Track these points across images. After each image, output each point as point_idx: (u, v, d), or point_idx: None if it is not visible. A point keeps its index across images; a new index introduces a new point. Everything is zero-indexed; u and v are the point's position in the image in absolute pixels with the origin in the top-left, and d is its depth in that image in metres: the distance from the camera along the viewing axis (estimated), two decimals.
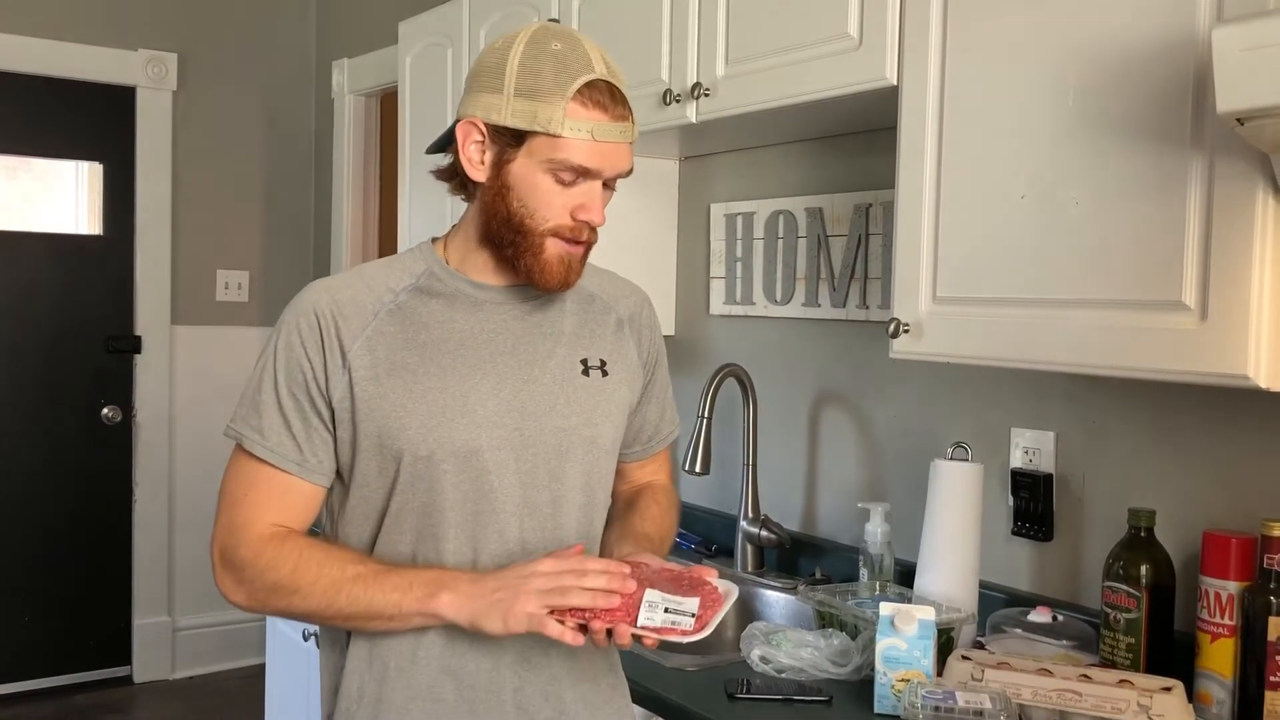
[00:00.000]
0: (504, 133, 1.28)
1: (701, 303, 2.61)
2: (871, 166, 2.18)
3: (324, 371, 1.30)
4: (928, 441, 2.07)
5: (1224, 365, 1.31)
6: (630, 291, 1.52)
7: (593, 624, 1.20)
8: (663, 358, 1.54)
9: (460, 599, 1.24)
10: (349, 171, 4.15)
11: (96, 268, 4.10)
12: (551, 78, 1.26)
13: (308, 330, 1.31)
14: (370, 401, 1.30)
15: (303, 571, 1.27)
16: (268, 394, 1.32)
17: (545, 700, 1.35)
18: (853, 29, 1.75)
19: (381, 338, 1.31)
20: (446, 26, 2.90)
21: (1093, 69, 1.43)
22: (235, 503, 1.33)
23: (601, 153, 1.28)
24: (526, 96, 1.26)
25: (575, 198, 1.29)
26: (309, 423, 1.31)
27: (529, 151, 1.28)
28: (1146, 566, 1.59)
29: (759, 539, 2.31)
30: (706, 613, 1.22)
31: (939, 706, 1.41)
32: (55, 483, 4.04)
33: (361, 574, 1.27)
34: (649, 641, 1.21)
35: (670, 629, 1.20)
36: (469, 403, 1.31)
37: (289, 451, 1.31)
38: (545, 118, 1.26)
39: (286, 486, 1.32)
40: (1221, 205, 1.31)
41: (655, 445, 1.57)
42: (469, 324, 1.35)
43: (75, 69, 3.98)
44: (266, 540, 1.30)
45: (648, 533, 1.44)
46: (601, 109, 1.27)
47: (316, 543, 1.32)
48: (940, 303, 1.64)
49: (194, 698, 4.09)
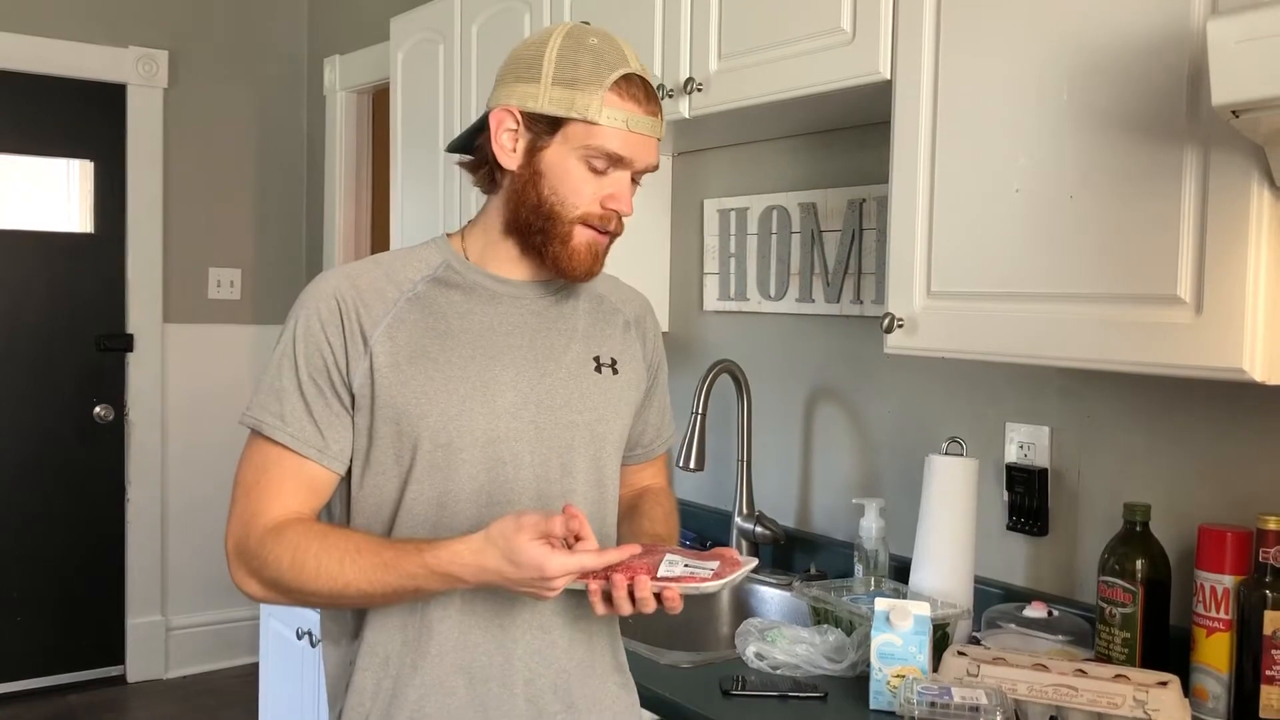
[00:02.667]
0: (540, 120, 1.30)
1: (695, 299, 2.60)
2: (865, 161, 2.18)
3: (345, 356, 1.30)
4: (922, 436, 2.07)
5: (1219, 359, 1.30)
6: (635, 296, 1.54)
7: (613, 577, 1.20)
8: (663, 363, 1.56)
9: (473, 584, 1.24)
10: (341, 168, 4.14)
11: (88, 266, 4.08)
12: (590, 69, 1.29)
13: (328, 315, 1.30)
14: (391, 388, 1.30)
15: (308, 569, 1.25)
16: (288, 380, 1.31)
17: (555, 695, 1.36)
18: (846, 23, 1.75)
19: (402, 325, 1.32)
20: (438, 23, 2.89)
21: (1087, 62, 1.43)
22: (248, 490, 1.31)
23: (634, 143, 1.31)
24: (564, 85, 1.29)
25: (605, 187, 1.32)
26: (330, 408, 1.31)
27: (564, 138, 1.30)
28: (1142, 561, 1.59)
29: (754, 535, 2.31)
30: (725, 569, 1.24)
31: (935, 702, 1.40)
32: (47, 482, 4.03)
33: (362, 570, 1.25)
34: (669, 594, 1.21)
35: (689, 578, 1.22)
36: (489, 392, 1.32)
37: (311, 437, 1.30)
38: (583, 105, 1.28)
39: (302, 471, 1.30)
40: (1216, 198, 1.30)
41: (655, 449, 1.58)
42: (487, 316, 1.36)
43: (66, 66, 3.96)
44: (269, 531, 1.28)
45: (657, 533, 1.45)
46: (636, 102, 1.30)
47: (313, 531, 1.28)
48: (934, 297, 1.63)
49: (188, 697, 4.07)
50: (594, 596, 1.23)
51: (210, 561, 4.19)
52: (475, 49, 2.73)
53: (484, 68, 2.70)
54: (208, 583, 4.23)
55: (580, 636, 1.38)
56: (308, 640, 2.48)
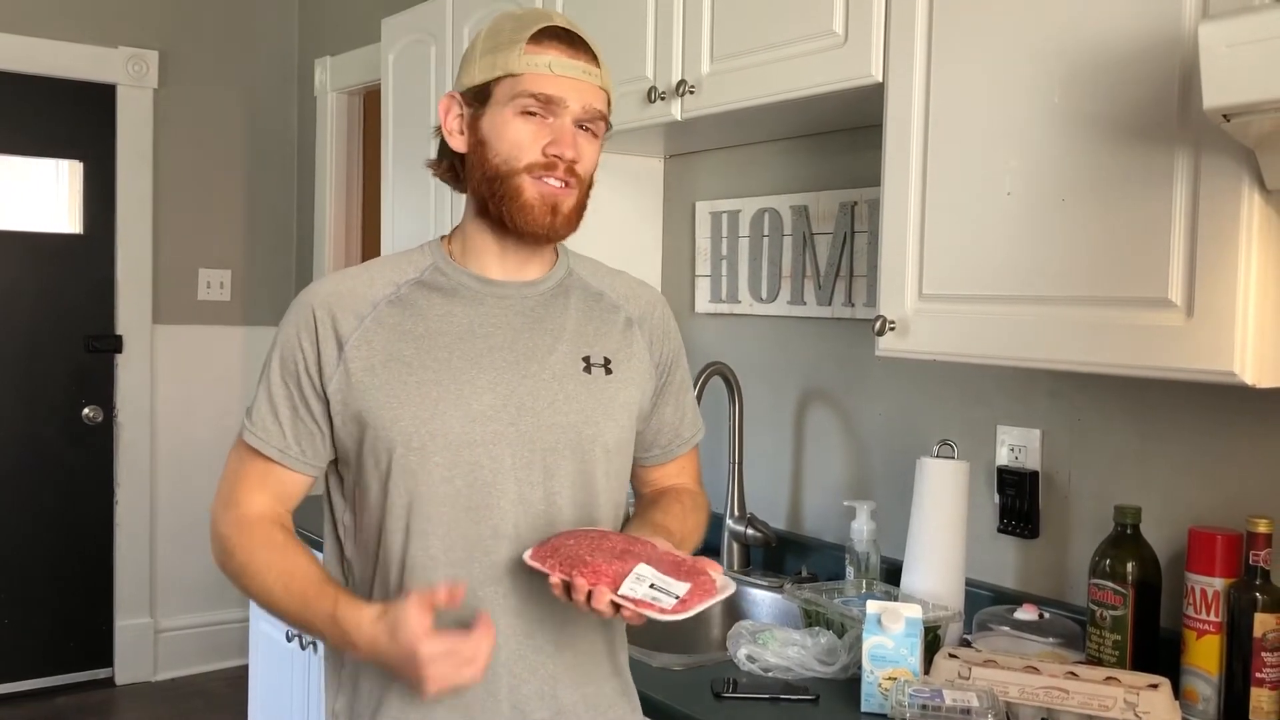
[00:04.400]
0: (474, 92, 1.33)
1: (687, 301, 2.60)
2: (857, 164, 2.18)
3: (318, 363, 1.32)
4: (913, 439, 2.07)
5: (1210, 362, 1.31)
6: (643, 292, 1.51)
7: (576, 580, 1.19)
8: (680, 360, 1.53)
9: (366, 656, 1.25)
10: (332, 170, 4.13)
11: (77, 266, 4.06)
12: (511, 31, 1.32)
13: (304, 324, 1.34)
14: (367, 392, 1.31)
15: (252, 573, 1.33)
16: (263, 382, 1.36)
17: (541, 700, 1.34)
18: (838, 26, 1.75)
19: (379, 329, 1.33)
20: (429, 24, 2.89)
21: (1079, 65, 1.43)
22: (227, 479, 1.39)
23: (562, 85, 1.31)
24: (490, 53, 1.32)
25: (544, 134, 1.31)
26: (297, 412, 1.34)
27: (495, 100, 1.32)
28: (1133, 564, 1.59)
29: (745, 537, 2.31)
30: (692, 599, 1.19)
31: (926, 705, 1.40)
32: (35, 483, 4.01)
33: (287, 594, 1.30)
34: (627, 613, 1.19)
35: (649, 604, 1.18)
36: (464, 395, 1.31)
37: (272, 438, 1.35)
38: (505, 61, 1.31)
39: (270, 474, 1.36)
40: (1207, 201, 1.30)
41: (676, 449, 1.54)
42: (469, 318, 1.35)
43: (55, 66, 3.95)
44: (239, 524, 1.35)
45: (667, 525, 1.41)
46: (558, 49, 1.31)
47: (272, 542, 1.33)
48: (926, 300, 1.64)
49: (176, 700, 4.06)
50: (555, 590, 1.22)
51: (199, 563, 4.16)
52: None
53: None
54: (197, 585, 4.22)
55: (568, 640, 1.36)
56: (297, 642, 2.47)
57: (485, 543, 1.31)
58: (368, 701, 1.34)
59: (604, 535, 1.27)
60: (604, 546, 1.24)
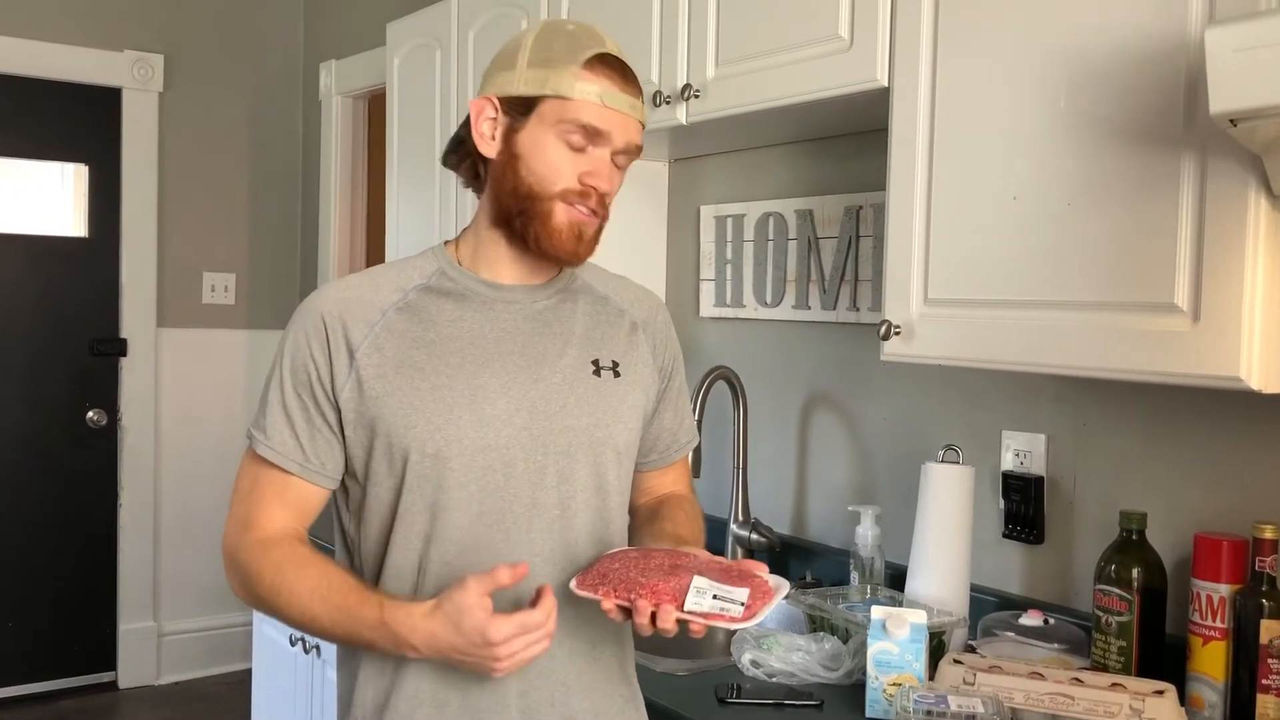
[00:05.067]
0: (516, 103, 1.31)
1: (691, 305, 2.60)
2: (862, 168, 2.18)
3: (330, 372, 1.31)
4: (918, 444, 2.07)
5: (1216, 367, 1.30)
6: (645, 297, 1.51)
7: (637, 603, 1.18)
8: (679, 365, 1.53)
9: (425, 653, 1.22)
10: (337, 173, 4.13)
11: (82, 270, 4.07)
12: (564, 49, 1.30)
13: (314, 331, 1.32)
14: (379, 400, 1.30)
15: (283, 593, 1.28)
16: (274, 394, 1.33)
17: (552, 707, 1.33)
18: (844, 30, 1.75)
19: (390, 335, 1.32)
20: (435, 28, 2.89)
21: (1084, 70, 1.43)
22: (243, 498, 1.35)
23: (610, 118, 1.30)
24: (539, 66, 1.30)
25: (584, 164, 1.31)
26: (313, 423, 1.32)
27: (539, 117, 1.30)
28: (1138, 569, 1.59)
29: (749, 542, 2.30)
30: (756, 603, 1.19)
31: (931, 710, 1.40)
32: (39, 487, 4.01)
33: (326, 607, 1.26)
34: (695, 627, 1.19)
35: (718, 615, 1.18)
36: (477, 400, 1.31)
37: (291, 451, 1.32)
38: (556, 82, 1.29)
39: (288, 487, 1.33)
40: (1214, 206, 1.30)
41: (673, 454, 1.54)
42: (478, 322, 1.35)
43: (61, 70, 3.96)
44: (260, 546, 1.30)
45: (679, 534, 1.41)
46: (610, 78, 1.30)
47: (298, 558, 1.29)
48: (931, 304, 1.63)
49: (179, 703, 4.06)
50: (611, 614, 1.21)
51: (203, 567, 4.18)
52: (472, 54, 2.72)
53: (481, 73, 2.69)
54: (200, 589, 4.22)
55: (582, 647, 1.36)
56: (300, 647, 2.47)
57: (498, 545, 1.31)
58: (374, 706, 1.34)
59: (646, 553, 1.27)
60: (652, 564, 1.23)
